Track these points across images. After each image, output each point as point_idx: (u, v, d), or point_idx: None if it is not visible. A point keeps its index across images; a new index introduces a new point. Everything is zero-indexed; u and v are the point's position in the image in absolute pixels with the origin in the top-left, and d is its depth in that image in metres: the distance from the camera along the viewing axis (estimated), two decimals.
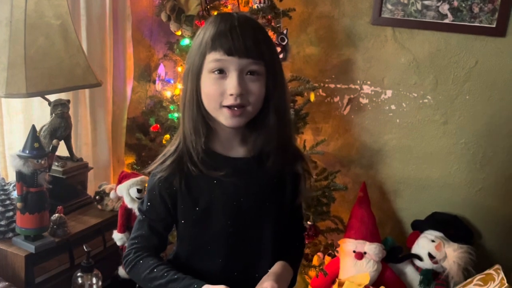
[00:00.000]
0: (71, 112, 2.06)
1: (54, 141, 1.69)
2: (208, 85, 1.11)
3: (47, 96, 1.82)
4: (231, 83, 1.09)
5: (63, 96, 1.89)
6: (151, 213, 1.20)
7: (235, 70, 1.09)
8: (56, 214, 1.68)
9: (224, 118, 1.12)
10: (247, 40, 1.10)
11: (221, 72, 1.10)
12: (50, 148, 1.68)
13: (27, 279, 1.56)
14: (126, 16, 2.24)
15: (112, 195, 1.79)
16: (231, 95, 1.09)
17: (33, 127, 1.53)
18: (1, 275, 1.52)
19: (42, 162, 1.53)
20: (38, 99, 1.84)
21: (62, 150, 1.95)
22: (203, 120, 1.15)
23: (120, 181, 1.74)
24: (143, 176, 1.75)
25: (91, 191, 2.04)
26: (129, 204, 1.70)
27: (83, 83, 1.79)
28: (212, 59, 1.10)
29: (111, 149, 2.28)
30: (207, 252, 1.20)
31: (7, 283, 1.48)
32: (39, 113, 1.99)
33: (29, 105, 2.00)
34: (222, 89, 1.10)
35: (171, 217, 1.20)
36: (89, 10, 2.09)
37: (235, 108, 1.10)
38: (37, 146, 1.52)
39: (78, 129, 2.16)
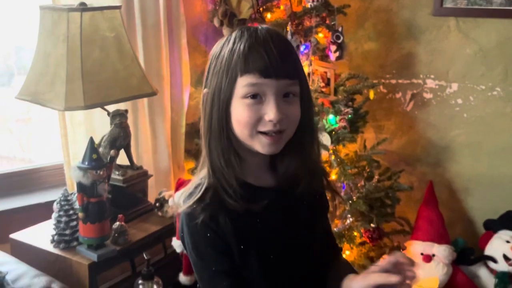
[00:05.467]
0: (130, 121, 2.10)
1: (112, 152, 1.73)
2: (241, 111, 1.01)
3: (106, 107, 1.86)
4: (270, 108, 0.99)
5: (121, 106, 1.92)
6: (216, 255, 1.05)
7: (273, 94, 0.99)
8: (117, 223, 1.71)
9: (261, 145, 1.02)
10: (284, 58, 1.00)
11: (255, 96, 1.00)
12: (109, 159, 1.71)
13: (91, 287, 1.60)
14: (180, 24, 2.26)
15: (170, 202, 1.81)
16: (270, 121, 1.00)
17: (91, 139, 1.56)
18: (66, 283, 1.56)
19: (101, 172, 1.56)
20: (98, 110, 1.88)
21: (123, 159, 2.00)
22: (234, 150, 1.05)
23: (177, 188, 1.76)
24: None
25: (152, 198, 2.06)
26: None
27: (139, 92, 1.81)
28: (246, 83, 0.99)
29: (171, 156, 2.30)
30: None
31: None
32: (100, 123, 2.04)
33: (90, 116, 2.06)
34: (258, 115, 1.00)
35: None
36: (144, 20, 2.12)
37: (274, 134, 1.01)
38: (96, 157, 1.55)
39: (138, 137, 2.19)
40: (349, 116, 2.20)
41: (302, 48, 2.21)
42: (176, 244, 1.76)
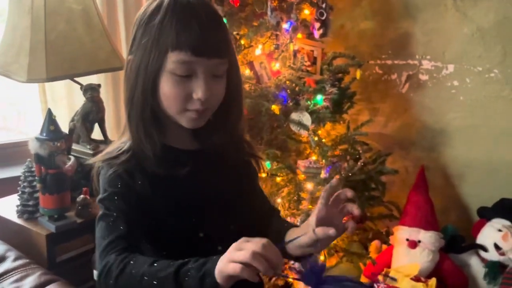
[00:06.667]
0: (111, 98, 2.12)
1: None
2: (170, 87, 0.99)
3: (81, 82, 1.86)
4: (199, 87, 0.99)
5: (101, 81, 1.93)
6: (123, 206, 1.01)
7: (203, 73, 0.99)
8: (81, 196, 1.72)
9: (186, 120, 1.04)
10: (216, 36, 0.99)
11: (185, 74, 0.99)
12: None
13: (49, 258, 1.62)
14: None
15: None
16: (198, 99, 1.00)
17: (49, 110, 1.56)
18: (28, 253, 1.58)
19: (59, 144, 1.56)
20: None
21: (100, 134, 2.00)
22: (157, 121, 1.04)
23: None
24: None
25: None
26: None
27: (107, 66, 1.80)
28: (176, 59, 0.97)
29: None
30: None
31: (28, 261, 1.54)
32: (81, 98, 2.05)
33: (72, 91, 2.08)
34: (187, 92, 1.00)
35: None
36: None
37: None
38: (53, 129, 1.55)
39: (121, 114, 2.20)
40: (334, 96, 2.15)
41: (286, 25, 2.16)
42: None
